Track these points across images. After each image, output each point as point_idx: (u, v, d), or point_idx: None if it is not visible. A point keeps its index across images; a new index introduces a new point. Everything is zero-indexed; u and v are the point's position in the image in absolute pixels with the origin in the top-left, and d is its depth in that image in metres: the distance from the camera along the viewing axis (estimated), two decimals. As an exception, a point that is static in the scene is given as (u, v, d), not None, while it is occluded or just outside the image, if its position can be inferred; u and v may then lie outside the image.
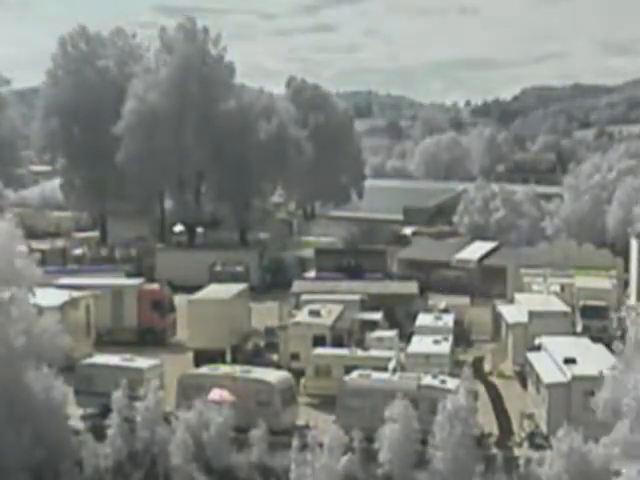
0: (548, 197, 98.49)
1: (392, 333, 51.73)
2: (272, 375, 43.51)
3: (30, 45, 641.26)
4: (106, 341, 54.78)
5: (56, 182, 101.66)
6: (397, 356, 46.19)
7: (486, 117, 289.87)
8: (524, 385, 47.15)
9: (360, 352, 47.27)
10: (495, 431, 41.55)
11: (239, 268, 71.30)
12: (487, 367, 52.84)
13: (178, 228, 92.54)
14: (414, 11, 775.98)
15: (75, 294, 53.40)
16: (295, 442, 37.47)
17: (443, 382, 40.46)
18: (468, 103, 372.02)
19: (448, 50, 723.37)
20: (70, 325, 47.39)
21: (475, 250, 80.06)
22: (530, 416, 41.74)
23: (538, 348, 46.34)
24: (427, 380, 40.96)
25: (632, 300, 62.61)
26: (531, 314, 52.13)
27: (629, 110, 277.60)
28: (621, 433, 33.02)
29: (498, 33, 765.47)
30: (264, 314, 59.90)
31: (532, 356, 45.18)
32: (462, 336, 55.99)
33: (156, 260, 76.82)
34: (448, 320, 54.29)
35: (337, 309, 53.78)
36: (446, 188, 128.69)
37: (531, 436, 40.62)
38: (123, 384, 40.44)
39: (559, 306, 55.08)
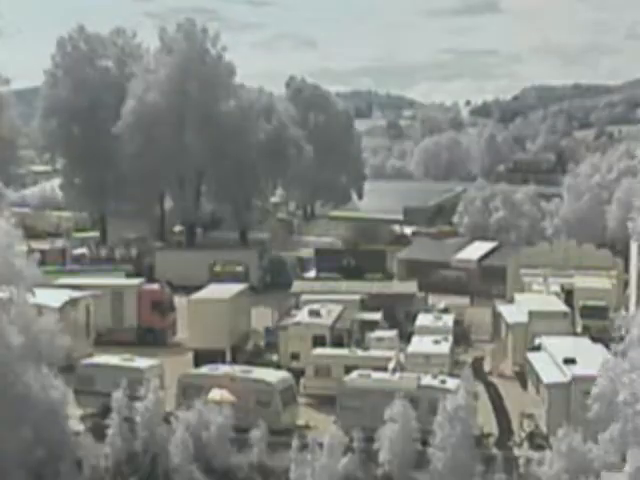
0: (548, 197, 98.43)
1: (392, 333, 51.71)
2: (272, 375, 43.51)
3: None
4: (106, 341, 54.71)
5: (56, 182, 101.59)
6: (397, 356, 46.18)
7: (486, 117, 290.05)
8: (524, 385, 47.13)
9: (360, 352, 47.29)
10: (495, 431, 41.56)
11: (239, 268, 71.29)
12: (487, 367, 52.85)
13: (178, 228, 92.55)
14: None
15: (75, 294, 53.40)
16: (295, 442, 37.46)
17: (443, 382, 40.46)
18: (468, 103, 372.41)
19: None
20: (70, 325, 47.41)
21: (475, 250, 80.00)
22: (530, 416, 41.69)
23: (538, 348, 46.34)
24: (427, 380, 40.97)
25: (632, 300, 62.54)
26: (531, 314, 52.12)
27: (629, 110, 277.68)
28: (617, 429, 33.11)
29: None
30: (264, 314, 59.87)
31: (532, 356, 45.17)
32: (462, 336, 56.00)
33: (156, 260, 76.83)
34: (448, 320, 54.28)
35: (337, 309, 53.75)
36: (446, 188, 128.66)
37: (531, 436, 40.61)
38: (123, 384, 40.43)
39: (559, 306, 55.08)
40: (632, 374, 33.10)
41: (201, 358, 49.90)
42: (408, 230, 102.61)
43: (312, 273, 75.67)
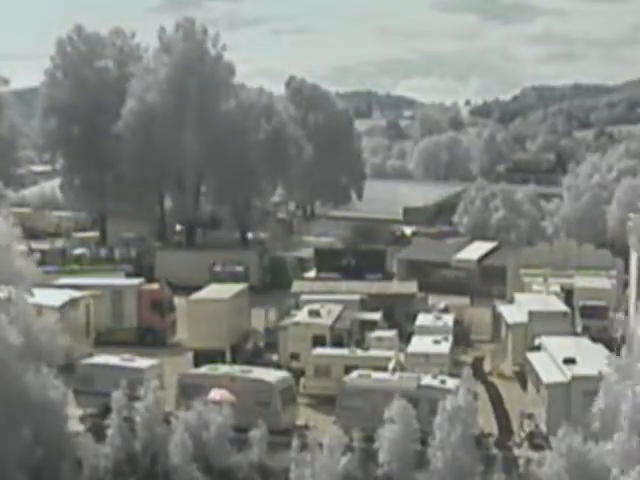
0: (548, 197, 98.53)
1: (392, 333, 51.69)
2: (272, 375, 43.49)
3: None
4: (106, 341, 54.68)
5: (56, 182, 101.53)
6: (397, 356, 46.18)
7: (486, 117, 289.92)
8: (524, 385, 47.12)
9: (360, 352, 47.28)
10: (495, 431, 41.55)
11: (239, 268, 71.25)
12: (487, 367, 52.84)
13: (179, 227, 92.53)
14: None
15: (75, 294, 53.39)
16: (295, 442, 37.45)
17: (443, 382, 40.46)
18: (468, 103, 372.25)
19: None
20: (70, 325, 47.43)
21: (475, 250, 80.00)
22: (530, 416, 41.69)
23: (538, 348, 46.34)
24: (427, 380, 40.97)
25: (632, 300, 62.49)
26: (531, 314, 52.11)
27: (629, 110, 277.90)
28: (620, 442, 32.91)
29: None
30: (264, 314, 59.82)
31: (532, 356, 45.16)
32: (462, 336, 55.96)
33: (156, 260, 76.79)
34: (448, 320, 54.27)
35: (337, 309, 53.73)
36: (446, 188, 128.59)
37: (531, 436, 40.61)
38: (123, 384, 40.41)
39: (559, 306, 55.07)
40: (636, 388, 32.82)
41: (201, 358, 49.90)
42: (408, 230, 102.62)
43: (312, 273, 75.60)
